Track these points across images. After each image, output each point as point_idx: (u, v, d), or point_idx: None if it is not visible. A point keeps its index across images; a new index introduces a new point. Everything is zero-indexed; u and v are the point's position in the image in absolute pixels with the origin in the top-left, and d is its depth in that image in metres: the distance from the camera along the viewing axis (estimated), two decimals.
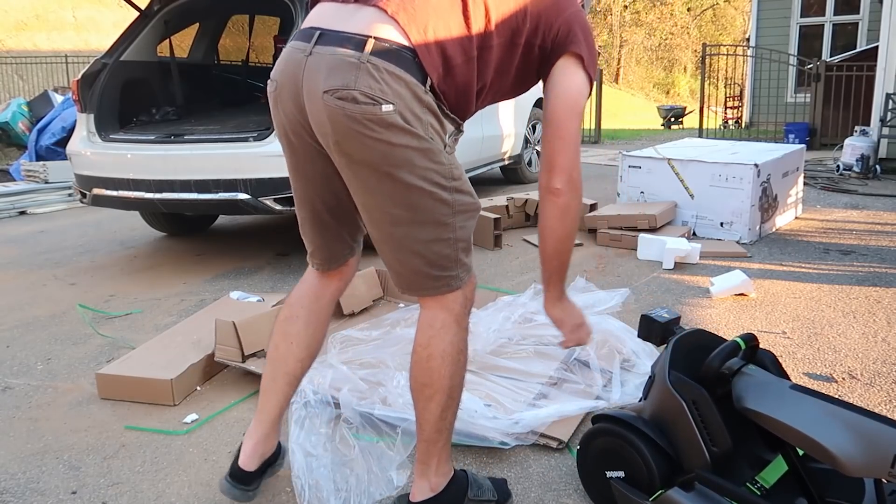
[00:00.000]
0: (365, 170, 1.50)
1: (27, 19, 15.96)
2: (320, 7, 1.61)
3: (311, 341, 1.82)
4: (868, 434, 1.37)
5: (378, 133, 1.45)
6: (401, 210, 1.53)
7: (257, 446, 1.83)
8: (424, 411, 1.66)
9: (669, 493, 1.59)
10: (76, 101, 4.37)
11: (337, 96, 1.44)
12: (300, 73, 1.51)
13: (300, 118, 1.56)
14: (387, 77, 1.44)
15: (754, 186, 4.39)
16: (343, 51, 1.46)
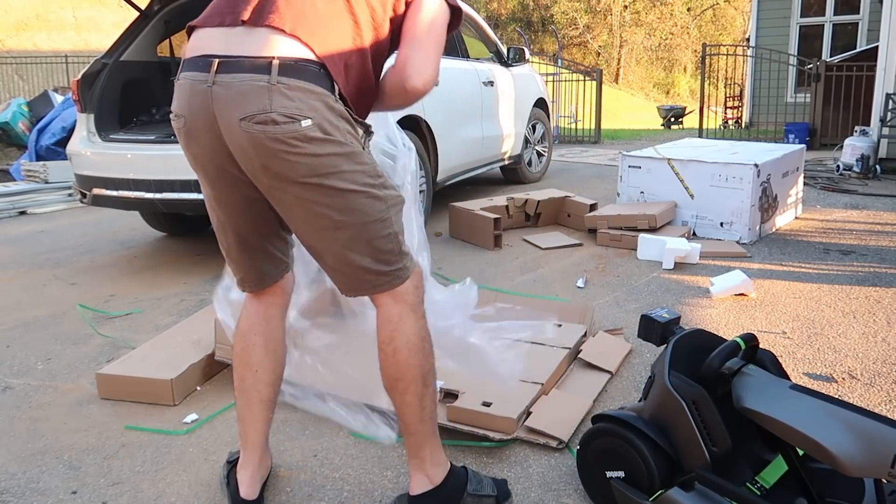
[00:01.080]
0: (296, 186, 1.52)
1: (27, 19, 15.97)
2: (204, 33, 1.60)
3: (275, 364, 1.84)
4: (868, 434, 1.37)
5: (303, 148, 1.48)
6: (340, 215, 1.56)
7: (254, 475, 1.86)
8: (403, 405, 1.70)
9: (669, 493, 1.60)
10: (76, 101, 4.37)
11: (255, 121, 1.46)
12: (209, 104, 1.51)
13: (219, 147, 1.55)
14: (299, 94, 1.47)
15: (754, 186, 4.39)
16: (250, 76, 1.47)
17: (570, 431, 2.18)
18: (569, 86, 11.67)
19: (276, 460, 2.13)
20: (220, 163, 1.58)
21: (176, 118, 1.61)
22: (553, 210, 5.03)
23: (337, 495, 1.96)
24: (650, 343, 1.87)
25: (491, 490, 1.84)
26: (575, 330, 2.80)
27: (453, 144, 5.03)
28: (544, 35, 28.49)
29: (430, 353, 1.71)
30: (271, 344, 1.83)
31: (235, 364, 1.85)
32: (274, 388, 1.86)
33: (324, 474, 2.06)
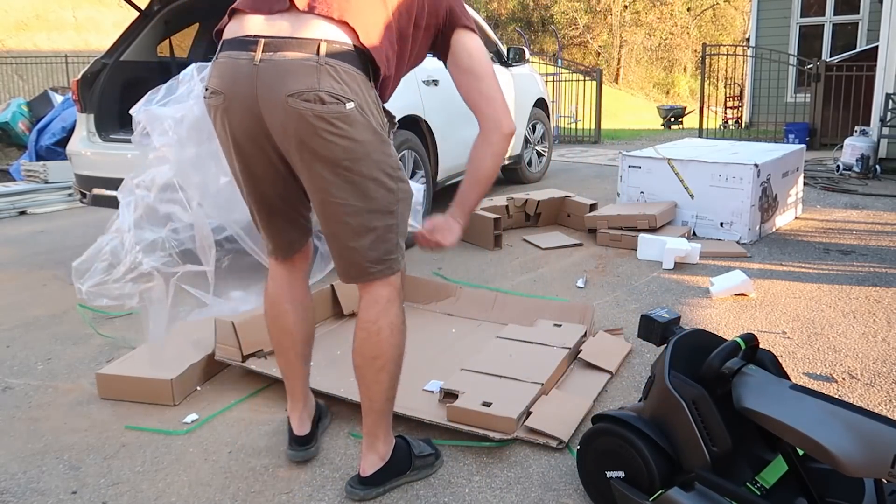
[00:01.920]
0: (327, 165, 1.62)
1: (27, 19, 15.96)
2: (248, 19, 1.65)
3: (306, 324, 2.01)
4: (868, 434, 1.37)
5: (343, 130, 1.57)
6: (356, 200, 1.67)
7: (302, 415, 2.08)
8: (375, 384, 1.82)
9: (669, 493, 1.60)
10: (76, 101, 4.37)
11: (303, 98, 1.55)
12: (253, 81, 1.58)
13: (255, 125, 1.63)
14: (344, 76, 1.57)
15: (754, 186, 4.39)
16: (299, 54, 1.55)
17: (570, 431, 2.18)
18: (569, 86, 11.68)
19: (276, 460, 2.14)
20: (255, 137, 1.65)
21: (214, 95, 1.66)
22: (553, 210, 5.03)
23: (337, 495, 1.96)
24: (650, 343, 1.87)
25: (430, 449, 2.04)
26: (575, 330, 2.80)
27: (453, 144, 5.03)
28: (544, 35, 28.49)
29: (405, 338, 1.85)
30: (300, 307, 1.98)
31: (270, 330, 1.99)
32: (309, 345, 2.04)
33: (324, 474, 2.06)
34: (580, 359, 2.64)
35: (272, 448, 2.21)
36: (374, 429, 1.88)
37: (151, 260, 1.98)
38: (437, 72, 4.89)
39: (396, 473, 1.94)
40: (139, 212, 2.00)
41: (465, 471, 2.05)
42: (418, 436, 2.15)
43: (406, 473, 1.96)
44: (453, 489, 1.97)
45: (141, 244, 1.98)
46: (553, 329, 2.81)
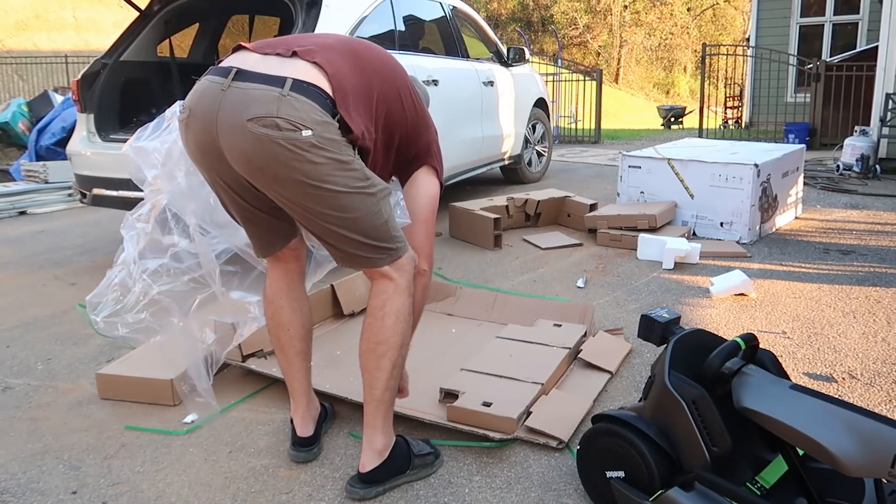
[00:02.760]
0: (293, 186, 1.68)
1: (27, 19, 15.96)
2: (242, 54, 1.77)
3: (303, 320, 2.07)
4: (868, 434, 1.37)
5: (301, 154, 1.63)
6: (334, 211, 1.72)
7: (305, 416, 2.11)
8: (377, 370, 1.86)
9: (669, 493, 1.60)
10: (76, 101, 4.37)
11: (261, 124, 1.61)
12: (216, 105, 1.67)
13: (210, 143, 1.72)
14: (305, 107, 1.63)
15: (754, 186, 4.39)
16: (264, 86, 1.64)
17: (570, 431, 2.18)
18: (569, 86, 11.68)
19: (276, 460, 2.14)
20: (207, 154, 1.75)
21: (183, 111, 1.78)
22: (553, 210, 5.03)
23: (337, 495, 1.96)
24: (650, 343, 1.87)
25: (429, 448, 2.07)
26: (574, 330, 2.80)
27: (453, 144, 5.03)
28: (544, 35, 28.49)
29: (410, 327, 1.91)
30: (295, 303, 2.05)
31: (269, 326, 2.06)
32: (306, 342, 2.08)
33: (324, 474, 2.06)
34: (580, 359, 2.64)
35: (272, 448, 2.21)
36: (373, 419, 1.90)
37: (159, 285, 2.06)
38: (437, 72, 4.89)
39: (396, 472, 1.95)
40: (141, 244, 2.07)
41: (465, 471, 2.05)
42: (419, 436, 2.16)
43: (406, 473, 1.97)
44: (453, 489, 1.97)
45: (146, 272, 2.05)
46: (553, 329, 2.81)
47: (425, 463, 2.02)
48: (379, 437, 1.92)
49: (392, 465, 1.94)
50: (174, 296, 2.14)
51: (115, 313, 2.08)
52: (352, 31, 4.12)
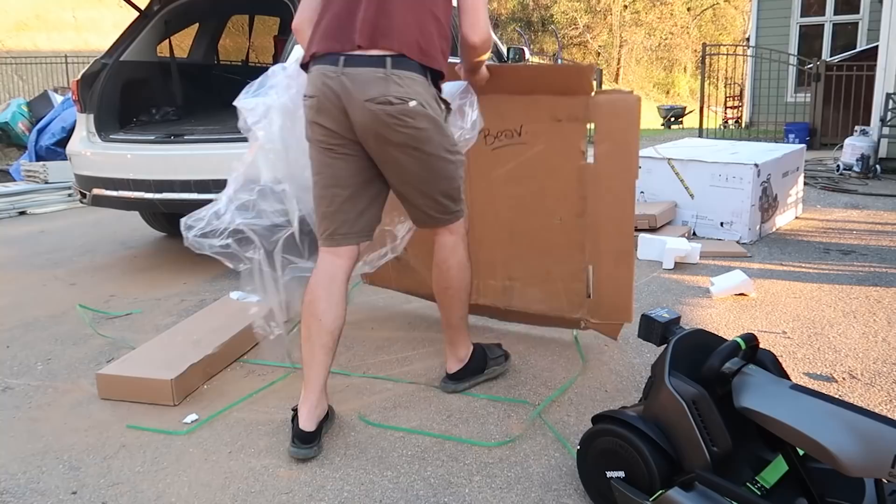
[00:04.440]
0: (399, 149, 2.06)
1: (27, 19, 15.95)
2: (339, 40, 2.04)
3: (335, 315, 2.16)
4: (868, 434, 1.37)
5: (409, 122, 2.01)
6: (425, 173, 2.13)
7: (312, 411, 2.14)
8: (449, 307, 2.38)
9: (669, 493, 1.59)
10: (76, 102, 4.37)
11: (376, 102, 1.98)
12: (338, 88, 2.00)
13: (343, 120, 2.04)
14: (407, 81, 2.00)
15: (754, 186, 4.39)
16: (371, 69, 1.99)
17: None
18: None
19: (276, 460, 2.14)
20: (341, 131, 2.06)
21: (309, 99, 2.08)
22: None
23: (337, 495, 1.96)
24: (650, 343, 1.87)
25: (500, 351, 2.60)
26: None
27: None
28: (544, 35, 28.46)
29: (470, 273, 2.36)
30: (332, 298, 2.16)
31: (303, 314, 2.17)
32: (333, 338, 2.16)
33: (324, 474, 2.06)
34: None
35: (272, 448, 2.21)
36: (453, 339, 2.44)
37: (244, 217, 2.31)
38: None
39: (474, 372, 2.49)
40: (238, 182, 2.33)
41: (465, 471, 2.05)
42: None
43: (483, 372, 2.51)
44: (453, 489, 1.97)
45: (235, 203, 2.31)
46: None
47: (498, 362, 2.56)
48: (460, 349, 2.45)
49: (472, 367, 2.48)
50: (257, 230, 2.34)
51: (205, 234, 2.31)
52: None
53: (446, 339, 2.45)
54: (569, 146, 2.57)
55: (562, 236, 2.67)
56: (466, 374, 2.47)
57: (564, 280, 2.73)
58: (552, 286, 2.77)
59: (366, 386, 2.62)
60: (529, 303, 2.85)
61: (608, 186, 2.55)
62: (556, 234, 2.68)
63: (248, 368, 2.81)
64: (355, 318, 3.31)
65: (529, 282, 2.81)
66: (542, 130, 2.59)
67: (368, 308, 3.45)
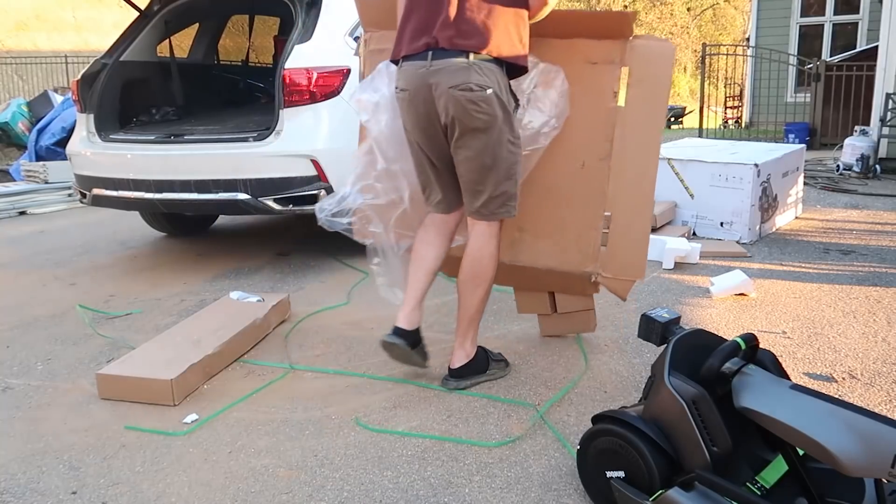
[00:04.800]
0: (472, 133, 2.29)
1: (27, 19, 15.95)
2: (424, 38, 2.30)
3: (440, 251, 2.55)
4: (868, 434, 1.37)
5: (484, 107, 2.26)
6: (489, 159, 2.32)
7: (409, 314, 2.52)
8: (472, 297, 2.48)
9: (669, 493, 1.59)
10: (76, 102, 4.37)
11: (459, 88, 2.24)
12: (427, 79, 2.28)
13: (430, 109, 2.32)
14: (486, 71, 2.26)
15: (754, 186, 4.39)
16: (457, 60, 2.26)
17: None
18: None
19: (276, 460, 2.14)
20: (429, 117, 2.34)
21: (402, 91, 2.38)
22: None
23: (337, 495, 1.96)
24: (650, 343, 1.87)
25: (501, 356, 2.69)
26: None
27: None
28: None
29: (496, 267, 2.49)
30: (433, 244, 2.55)
31: (416, 242, 2.56)
32: (436, 265, 2.55)
33: (324, 474, 2.06)
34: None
35: (272, 448, 2.21)
36: (465, 331, 2.53)
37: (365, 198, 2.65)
38: None
39: (477, 371, 2.56)
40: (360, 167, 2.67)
41: (465, 471, 2.05)
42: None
43: (485, 373, 2.58)
44: (453, 489, 1.97)
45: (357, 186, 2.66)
46: None
47: (499, 367, 2.64)
48: (468, 344, 2.54)
49: (475, 365, 2.55)
50: (376, 208, 2.65)
51: (335, 215, 2.66)
52: (352, 31, 4.11)
53: (458, 330, 2.53)
54: (601, 88, 2.58)
55: (582, 182, 2.62)
56: (469, 371, 2.54)
57: (579, 229, 2.64)
58: (565, 237, 2.67)
59: (366, 386, 2.62)
60: (538, 257, 2.72)
61: (635, 131, 2.56)
62: (577, 180, 2.63)
63: (248, 368, 2.81)
64: (355, 318, 3.32)
65: (541, 234, 2.71)
66: (576, 73, 2.57)
67: (368, 308, 3.45)
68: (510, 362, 2.69)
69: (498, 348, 2.87)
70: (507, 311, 3.32)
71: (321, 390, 2.60)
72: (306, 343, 3.05)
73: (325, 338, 3.10)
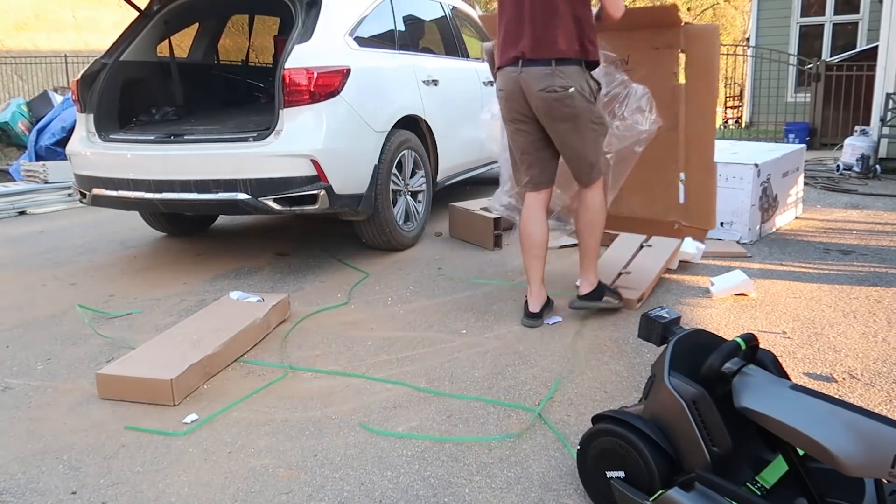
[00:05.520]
0: (562, 123, 2.91)
1: (27, 19, 15.94)
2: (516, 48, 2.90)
3: (541, 232, 3.13)
4: (868, 434, 1.37)
5: (568, 103, 2.85)
6: (579, 141, 2.94)
7: (536, 298, 3.15)
8: (590, 240, 3.11)
9: (669, 493, 1.59)
10: (76, 102, 4.37)
11: (546, 91, 2.84)
12: (519, 82, 2.90)
13: (524, 105, 2.94)
14: (567, 73, 2.83)
15: (754, 186, 4.39)
16: (541, 67, 2.84)
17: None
18: None
19: (276, 460, 2.14)
20: (525, 112, 2.96)
21: (501, 91, 3.01)
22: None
23: (337, 495, 1.96)
24: (650, 343, 1.86)
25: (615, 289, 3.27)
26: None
27: (453, 144, 5.03)
28: None
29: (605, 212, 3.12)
30: (538, 221, 3.12)
31: (521, 235, 3.16)
32: (542, 250, 3.13)
33: (324, 474, 2.06)
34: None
35: (272, 448, 2.21)
36: (588, 267, 3.14)
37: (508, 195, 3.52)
38: (437, 72, 4.89)
39: (597, 297, 3.15)
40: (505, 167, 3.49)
41: (465, 471, 2.05)
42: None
43: (602, 299, 3.16)
44: (453, 489, 1.97)
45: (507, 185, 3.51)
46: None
47: (612, 297, 3.19)
48: (591, 276, 3.14)
49: (597, 293, 3.14)
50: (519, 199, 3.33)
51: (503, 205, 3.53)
52: (352, 30, 4.12)
53: (582, 266, 3.15)
54: (665, 69, 3.21)
55: (659, 149, 3.23)
56: (593, 296, 3.14)
57: (661, 187, 3.38)
58: (651, 194, 3.43)
59: (366, 386, 2.62)
60: (634, 209, 3.55)
61: (695, 104, 3.18)
62: (655, 148, 3.20)
63: (248, 368, 2.81)
64: (355, 318, 3.32)
65: (634, 192, 3.45)
66: (644, 58, 3.21)
67: (368, 308, 3.45)
68: (516, 358, 2.76)
69: (498, 348, 2.87)
70: (508, 311, 3.33)
71: (321, 390, 2.60)
72: (306, 343, 3.05)
73: (324, 338, 3.10)
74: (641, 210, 3.50)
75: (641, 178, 3.34)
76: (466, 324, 3.20)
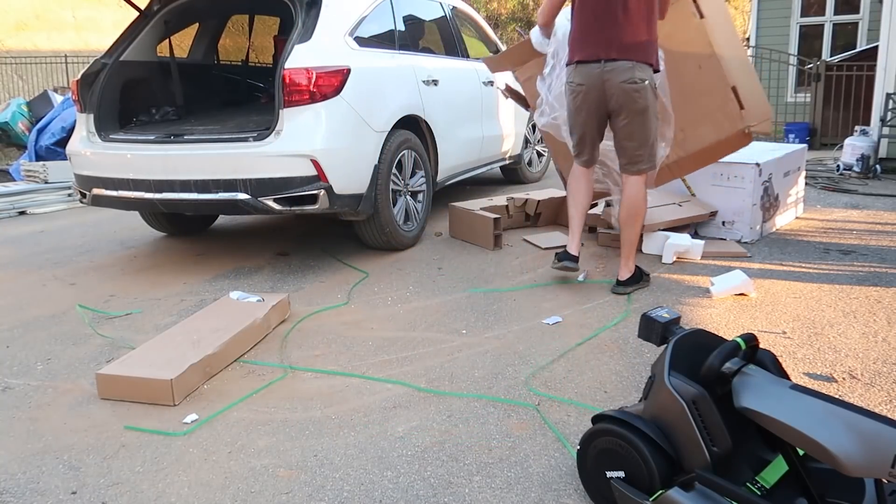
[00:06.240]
0: (634, 112, 3.32)
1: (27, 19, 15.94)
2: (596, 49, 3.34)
3: (589, 191, 3.64)
4: (868, 434, 1.37)
5: (644, 94, 3.31)
6: (642, 129, 3.37)
7: (575, 245, 3.57)
8: (631, 231, 3.48)
9: (669, 493, 1.59)
10: (76, 101, 4.37)
11: (627, 82, 3.28)
12: (602, 76, 3.32)
13: (600, 97, 3.35)
14: (643, 70, 3.30)
15: (756, 186, 4.38)
16: (624, 62, 3.28)
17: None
18: None
19: (276, 460, 2.14)
20: (599, 103, 3.38)
21: (577, 85, 3.40)
22: (553, 210, 5.03)
23: (337, 495, 1.96)
24: (650, 343, 1.86)
25: (646, 272, 3.64)
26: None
27: (453, 144, 5.03)
28: None
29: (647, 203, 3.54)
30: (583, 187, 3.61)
31: (570, 186, 3.70)
32: (588, 201, 3.64)
33: (324, 474, 2.06)
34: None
35: (272, 448, 2.21)
36: (627, 255, 3.49)
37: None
38: (437, 72, 4.89)
39: (635, 281, 3.50)
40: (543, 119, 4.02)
41: (465, 471, 2.05)
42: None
43: (639, 283, 3.52)
44: (453, 489, 1.97)
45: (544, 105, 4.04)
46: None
47: (646, 279, 3.58)
48: (630, 263, 3.49)
49: (635, 278, 3.51)
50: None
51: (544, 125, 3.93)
52: (352, 30, 4.11)
53: (623, 254, 3.49)
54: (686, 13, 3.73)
55: (704, 76, 3.73)
56: (631, 282, 3.49)
57: (719, 106, 3.74)
58: (714, 116, 3.76)
59: (366, 386, 2.62)
60: (703, 139, 3.84)
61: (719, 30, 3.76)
62: (701, 76, 3.72)
63: (248, 368, 2.81)
64: (355, 318, 3.32)
65: (698, 123, 3.78)
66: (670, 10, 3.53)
67: (368, 308, 3.45)
68: (516, 358, 2.82)
69: (498, 348, 2.87)
70: (508, 311, 3.32)
71: (321, 390, 2.60)
72: (306, 343, 3.05)
73: (324, 338, 3.10)
74: (712, 136, 3.81)
75: (701, 109, 3.74)
76: (466, 324, 3.20)
